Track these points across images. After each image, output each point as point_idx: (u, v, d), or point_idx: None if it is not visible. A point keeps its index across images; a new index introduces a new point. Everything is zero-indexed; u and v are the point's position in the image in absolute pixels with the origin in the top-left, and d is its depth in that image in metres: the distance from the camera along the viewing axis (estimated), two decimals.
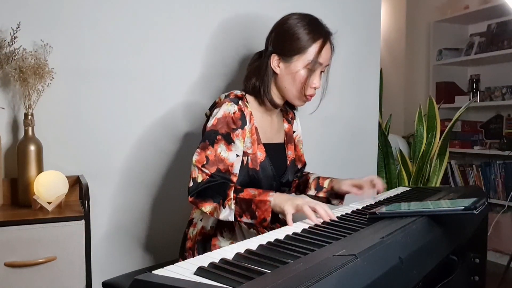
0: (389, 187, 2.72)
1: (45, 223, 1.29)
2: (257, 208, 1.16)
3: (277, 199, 1.16)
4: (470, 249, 1.51)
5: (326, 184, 1.50)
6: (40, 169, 1.48)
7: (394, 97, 3.87)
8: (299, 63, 1.30)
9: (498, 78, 3.39)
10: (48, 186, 1.41)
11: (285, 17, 1.34)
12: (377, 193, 1.46)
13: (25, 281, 1.27)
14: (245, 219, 1.19)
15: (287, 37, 1.30)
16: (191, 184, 1.23)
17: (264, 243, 0.89)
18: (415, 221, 1.01)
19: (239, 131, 1.27)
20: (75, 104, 1.61)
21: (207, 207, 1.21)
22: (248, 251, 0.82)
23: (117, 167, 1.68)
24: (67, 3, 1.57)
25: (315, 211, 1.11)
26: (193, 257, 0.83)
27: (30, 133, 1.47)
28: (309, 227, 1.03)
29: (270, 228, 1.26)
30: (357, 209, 1.25)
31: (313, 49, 1.29)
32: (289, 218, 1.11)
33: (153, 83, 1.72)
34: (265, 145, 1.36)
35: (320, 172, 1.62)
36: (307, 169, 1.64)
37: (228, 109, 1.27)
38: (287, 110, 1.53)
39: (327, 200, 1.51)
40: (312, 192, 1.53)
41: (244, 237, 1.29)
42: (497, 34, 3.31)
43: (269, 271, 0.70)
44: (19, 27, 1.46)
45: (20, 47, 1.46)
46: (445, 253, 1.16)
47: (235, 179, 1.28)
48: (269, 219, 1.16)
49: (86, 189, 1.40)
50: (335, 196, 1.50)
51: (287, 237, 0.94)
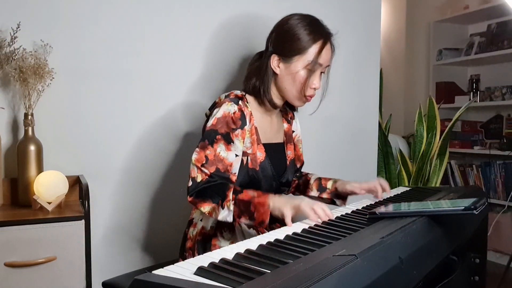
0: (389, 187, 2.72)
1: (45, 223, 1.29)
2: (256, 210, 1.16)
3: (276, 202, 1.15)
4: (470, 249, 1.51)
5: (329, 185, 1.50)
6: (40, 169, 1.48)
7: (394, 97, 3.87)
8: (299, 64, 1.30)
9: (498, 78, 3.39)
10: (48, 186, 1.41)
11: (286, 17, 1.34)
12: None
13: (25, 281, 1.27)
14: (243, 220, 1.19)
15: (287, 38, 1.30)
16: (190, 183, 1.23)
17: (264, 243, 0.89)
18: (415, 221, 1.01)
19: (238, 131, 1.27)
20: (75, 104, 1.61)
21: (206, 207, 1.21)
22: (248, 251, 0.82)
23: (117, 167, 1.68)
24: (67, 3, 1.57)
25: (313, 210, 1.11)
26: (193, 257, 0.83)
27: (30, 133, 1.47)
28: (309, 227, 1.03)
29: (270, 228, 1.26)
30: (357, 209, 1.25)
31: (313, 49, 1.29)
32: (288, 220, 1.11)
33: (153, 83, 1.72)
34: (264, 145, 1.36)
35: (320, 172, 1.62)
36: (307, 169, 1.64)
37: (228, 109, 1.27)
38: (287, 110, 1.53)
39: (331, 201, 1.51)
40: (314, 193, 1.53)
41: (244, 238, 1.29)
42: (497, 34, 3.30)
43: (269, 271, 0.70)
44: (19, 27, 1.46)
45: (20, 47, 1.46)
46: (445, 253, 1.16)
47: (234, 178, 1.28)
48: (267, 221, 1.16)
49: (86, 189, 1.40)
50: (338, 197, 1.50)
51: (287, 237, 0.94)
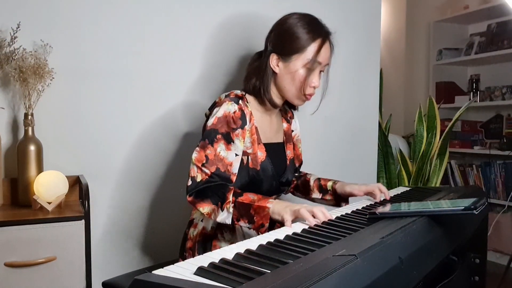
0: (389, 187, 2.72)
1: (45, 223, 1.29)
2: (256, 213, 1.16)
3: (276, 207, 1.14)
4: (470, 249, 1.51)
5: (329, 186, 1.49)
6: (40, 169, 1.48)
7: (394, 97, 3.87)
8: (298, 62, 1.30)
9: (498, 78, 3.39)
10: (48, 186, 1.41)
11: (285, 17, 1.34)
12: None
13: (25, 281, 1.27)
14: (242, 223, 1.18)
15: (286, 37, 1.30)
16: (190, 183, 1.22)
17: (264, 243, 0.89)
18: (415, 221, 1.01)
19: (239, 131, 1.27)
20: (75, 104, 1.61)
21: (205, 208, 1.20)
22: (248, 251, 0.82)
23: (117, 167, 1.68)
24: (67, 3, 1.57)
25: (313, 214, 1.10)
26: (193, 257, 0.83)
27: (30, 133, 1.47)
28: (309, 227, 1.03)
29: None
30: (357, 209, 1.24)
31: (312, 48, 1.29)
32: (288, 225, 1.10)
33: (153, 83, 1.72)
34: (265, 145, 1.36)
35: (320, 172, 1.62)
36: (306, 169, 1.64)
37: (228, 108, 1.27)
38: (286, 109, 1.53)
39: (335, 203, 1.49)
40: (317, 195, 1.52)
41: (244, 239, 1.29)
42: (497, 34, 3.30)
43: (269, 271, 0.70)
44: (19, 27, 1.46)
45: (20, 47, 1.46)
46: (445, 253, 1.15)
47: (234, 178, 1.28)
48: (267, 225, 1.15)
49: (86, 189, 1.40)
50: (339, 198, 1.49)
51: (287, 237, 0.94)
